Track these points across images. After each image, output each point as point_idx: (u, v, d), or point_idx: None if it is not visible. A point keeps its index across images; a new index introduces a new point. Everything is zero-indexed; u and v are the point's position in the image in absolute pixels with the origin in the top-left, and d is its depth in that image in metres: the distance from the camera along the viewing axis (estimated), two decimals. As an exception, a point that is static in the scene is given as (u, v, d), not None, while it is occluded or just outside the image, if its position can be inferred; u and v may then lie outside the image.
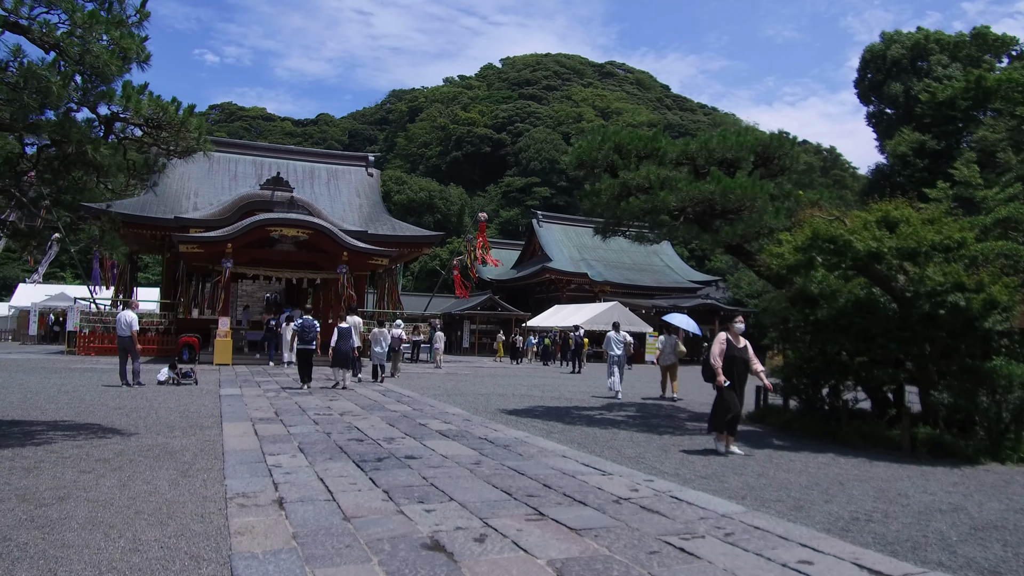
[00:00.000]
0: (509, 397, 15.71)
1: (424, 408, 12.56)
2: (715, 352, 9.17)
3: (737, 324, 9.60)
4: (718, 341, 9.32)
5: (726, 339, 9.35)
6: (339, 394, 14.61)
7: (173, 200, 30.89)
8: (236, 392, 14.33)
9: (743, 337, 9.58)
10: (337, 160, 38.13)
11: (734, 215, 11.45)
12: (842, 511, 6.13)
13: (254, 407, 11.93)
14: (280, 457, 7.54)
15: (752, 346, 9.65)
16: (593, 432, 10.52)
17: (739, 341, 9.45)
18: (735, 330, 9.53)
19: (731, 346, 9.28)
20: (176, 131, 9.15)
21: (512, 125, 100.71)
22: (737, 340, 9.44)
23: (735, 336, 9.48)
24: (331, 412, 11.46)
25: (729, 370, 9.14)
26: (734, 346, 9.32)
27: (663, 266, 62.60)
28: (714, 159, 11.70)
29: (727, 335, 9.44)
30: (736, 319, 9.76)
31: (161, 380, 16.04)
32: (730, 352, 9.23)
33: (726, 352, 9.19)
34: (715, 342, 9.32)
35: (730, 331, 9.54)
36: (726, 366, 9.12)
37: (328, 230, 24.28)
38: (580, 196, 12.46)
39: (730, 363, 9.17)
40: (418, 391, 16.18)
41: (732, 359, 9.21)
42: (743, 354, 9.37)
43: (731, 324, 9.66)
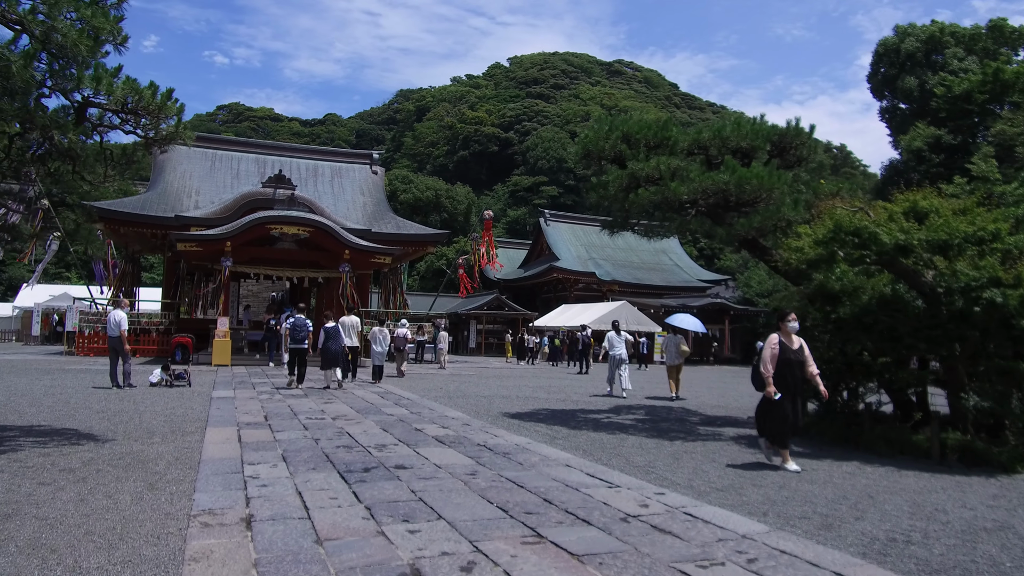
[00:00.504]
0: (513, 399, 15.11)
1: (422, 411, 11.97)
2: (766, 357, 7.98)
3: (791, 322, 8.32)
4: (769, 344, 8.09)
5: (779, 341, 8.12)
6: (335, 396, 14.04)
7: (174, 198, 30.44)
8: (228, 394, 13.78)
9: (797, 336, 8.38)
10: (341, 158, 37.63)
11: (749, 207, 10.81)
12: (876, 530, 5.50)
13: (244, 410, 11.37)
14: (260, 467, 6.96)
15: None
16: (600, 438, 9.90)
17: (793, 342, 8.27)
18: (788, 329, 8.28)
19: (784, 349, 8.10)
20: (154, 117, 8.60)
21: (519, 124, 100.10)
22: (791, 341, 8.25)
23: (788, 336, 8.26)
24: (323, 416, 10.89)
25: (783, 376, 8.01)
26: (788, 348, 8.14)
27: (672, 265, 61.91)
28: (728, 148, 11.06)
29: (779, 336, 8.21)
30: (788, 316, 8.37)
31: (153, 382, 15.53)
32: (784, 355, 8.05)
33: (779, 356, 8.02)
34: (766, 344, 8.12)
35: (783, 331, 8.29)
36: (780, 372, 7.98)
37: (329, 227, 23.73)
38: (587, 188, 11.85)
39: (784, 368, 8.02)
40: (419, 393, 15.60)
41: (787, 363, 8.04)
42: (799, 356, 8.20)
43: (783, 322, 8.32)
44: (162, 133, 8.43)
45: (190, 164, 32.88)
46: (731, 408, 15.12)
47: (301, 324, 15.68)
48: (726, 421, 12.65)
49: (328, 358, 15.59)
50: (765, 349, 8.07)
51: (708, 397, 17.79)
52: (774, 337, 8.17)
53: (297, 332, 15.49)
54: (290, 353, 15.81)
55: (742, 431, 11.21)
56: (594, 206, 11.71)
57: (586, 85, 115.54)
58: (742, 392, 19.88)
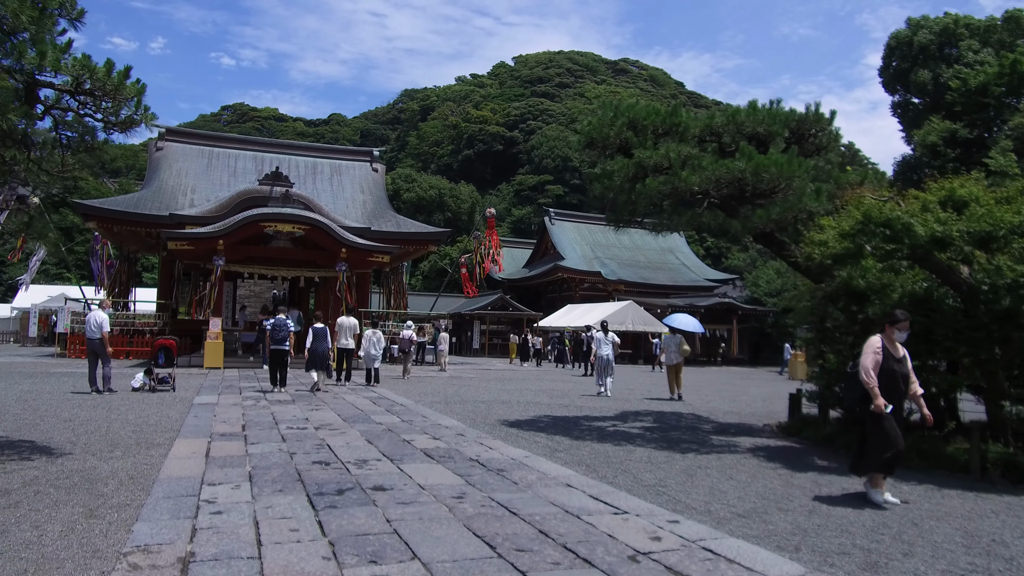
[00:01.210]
0: (513, 405, 14.28)
1: (414, 420, 11.15)
2: (868, 365, 6.56)
3: (901, 330, 6.84)
4: (871, 349, 6.67)
5: (882, 346, 6.72)
6: (324, 402, 13.23)
7: (169, 196, 29.70)
8: (211, 400, 12.99)
9: (902, 345, 6.92)
10: (341, 155, 36.85)
11: (766, 198, 9.97)
12: (930, 570, 4.66)
13: (223, 419, 10.58)
14: (220, 489, 6.16)
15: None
16: (605, 450, 9.07)
17: (898, 349, 6.83)
18: (896, 336, 6.85)
19: (888, 356, 6.68)
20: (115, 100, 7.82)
21: (524, 123, 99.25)
22: (895, 348, 6.81)
23: (892, 343, 6.82)
24: (306, 426, 10.08)
25: (888, 389, 6.58)
26: (892, 356, 6.72)
27: (679, 264, 61.01)
28: (743, 134, 10.22)
29: (882, 340, 6.79)
30: (901, 321, 6.84)
31: (135, 387, 14.76)
32: (887, 365, 6.64)
33: (882, 364, 6.62)
34: (866, 351, 6.69)
35: (887, 336, 6.84)
36: (884, 383, 6.56)
37: (325, 225, 22.95)
38: (590, 179, 11.02)
39: (889, 380, 6.61)
40: (414, 398, 14.80)
41: (891, 375, 6.64)
42: (903, 367, 6.78)
43: (891, 326, 6.86)
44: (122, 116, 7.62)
45: (186, 162, 32.17)
46: (745, 414, 14.27)
47: (282, 325, 15.27)
48: (741, 430, 11.80)
49: (314, 359, 15.13)
50: (866, 355, 6.66)
51: (719, 402, 16.95)
52: (876, 340, 6.79)
53: (277, 333, 15.06)
54: (271, 355, 15.36)
55: (759, 441, 10.37)
56: (598, 198, 10.87)
57: (591, 84, 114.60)
58: (754, 396, 19.01)
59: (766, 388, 23.14)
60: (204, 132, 34.97)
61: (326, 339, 15.37)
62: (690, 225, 10.10)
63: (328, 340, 15.50)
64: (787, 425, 11.56)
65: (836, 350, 10.38)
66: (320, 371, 15.45)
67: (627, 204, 11.10)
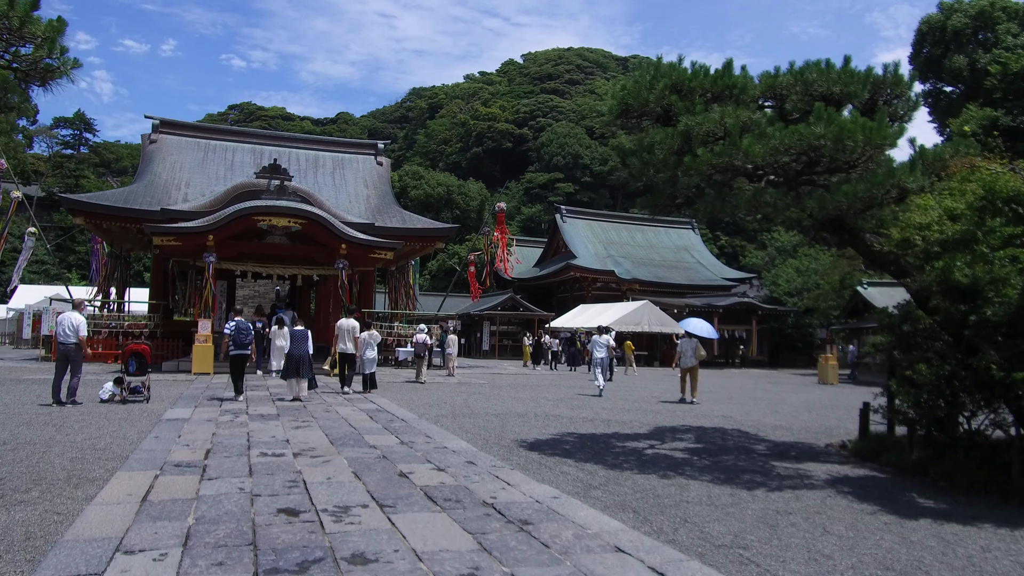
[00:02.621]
0: (530, 419, 12.51)
1: (416, 441, 9.38)
2: None
3: None
4: None
5: None
6: (313, 417, 11.48)
7: (162, 191, 28.07)
8: (184, 415, 11.27)
9: None
10: (344, 148, 35.16)
11: (844, 172, 8.17)
12: None
13: (188, 440, 8.86)
14: (137, 561, 4.41)
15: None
16: (651, 485, 7.28)
17: None
18: None
19: None
20: (36, 46, 6.12)
21: (534, 120, 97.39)
22: None
23: None
24: (284, 451, 8.33)
25: None
26: None
27: (694, 263, 59.12)
28: (813, 95, 8.40)
29: None
30: None
31: (103, 398, 13.10)
32: None
33: None
34: None
35: None
36: None
37: (323, 219, 21.24)
38: (623, 154, 9.23)
39: None
40: (418, 410, 13.05)
41: None
42: None
43: None
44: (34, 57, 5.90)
45: (180, 155, 30.54)
46: (796, 430, 12.44)
47: (245, 328, 14.13)
48: (802, 452, 9.99)
49: (291, 365, 13.92)
50: None
51: (759, 413, 15.12)
52: None
53: (241, 337, 13.91)
54: (231, 361, 14.19)
55: (833, 470, 8.55)
56: (635, 176, 9.06)
57: (601, 80, 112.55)
58: (795, 406, 17.18)
59: (803, 395, 21.27)
60: (200, 124, 33.33)
61: (306, 342, 14.15)
62: (749, 207, 8.29)
63: (309, 344, 14.26)
64: (859, 447, 9.73)
65: (924, 358, 8.53)
66: (299, 379, 14.05)
67: (669, 183, 9.32)
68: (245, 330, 14.08)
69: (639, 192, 68.60)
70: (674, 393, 18.43)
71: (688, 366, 17.20)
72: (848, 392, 23.63)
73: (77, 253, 64.29)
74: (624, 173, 9.88)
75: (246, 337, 13.97)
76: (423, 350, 22.19)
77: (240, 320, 14.49)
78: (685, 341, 17.80)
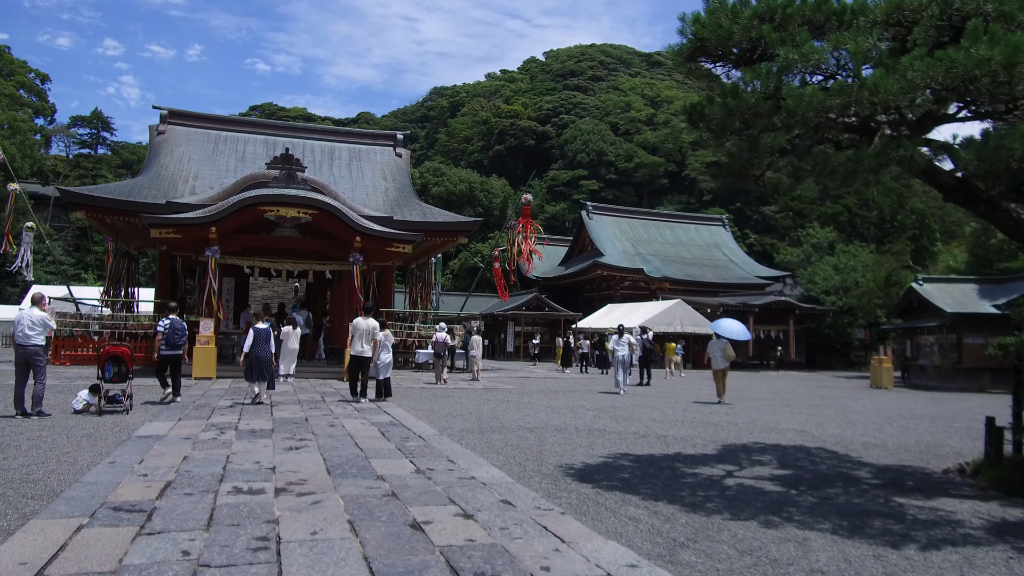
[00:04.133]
0: (571, 434, 10.56)
1: (436, 468, 7.46)
2: None
3: None
4: None
5: None
6: (313, 433, 9.59)
7: (168, 184, 26.46)
8: (161, 430, 9.46)
9: None
10: (361, 139, 33.41)
11: (999, 114, 6.16)
12: None
13: (151, 466, 7.04)
14: None
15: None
16: (756, 539, 5.30)
17: None
18: None
19: None
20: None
21: (557, 117, 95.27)
22: None
23: None
24: (265, 485, 6.45)
25: None
26: None
27: (726, 260, 56.87)
28: (952, 18, 6.39)
29: None
30: None
31: (76, 408, 11.36)
32: None
33: None
34: None
35: None
36: None
37: (334, 208, 19.42)
38: (692, 113, 7.26)
39: None
40: (438, 423, 11.16)
41: None
42: None
43: None
44: None
45: (189, 146, 28.94)
46: (892, 448, 10.37)
47: (180, 328, 13.27)
48: (920, 480, 7.93)
49: (256, 366, 13.16)
50: None
51: (834, 426, 13.04)
52: None
53: (173, 337, 13.05)
54: (161, 361, 13.11)
55: (980, 509, 6.52)
56: (715, 131, 7.09)
57: (625, 76, 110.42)
58: (867, 415, 15.07)
59: (867, 402, 19.10)
60: (210, 115, 31.74)
61: (269, 342, 13.46)
62: (877, 162, 6.26)
63: (272, 344, 13.59)
64: (994, 475, 7.65)
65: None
66: (260, 382, 13.30)
67: (748, 146, 7.35)
68: (180, 330, 13.23)
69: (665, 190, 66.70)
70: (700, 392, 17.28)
71: (718, 368, 17.26)
72: (912, 398, 21.43)
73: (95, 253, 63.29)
74: (694, 135, 7.97)
75: (180, 337, 13.12)
76: (443, 350, 20.60)
77: (175, 318, 13.37)
78: (714, 343, 17.86)
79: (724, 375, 17.28)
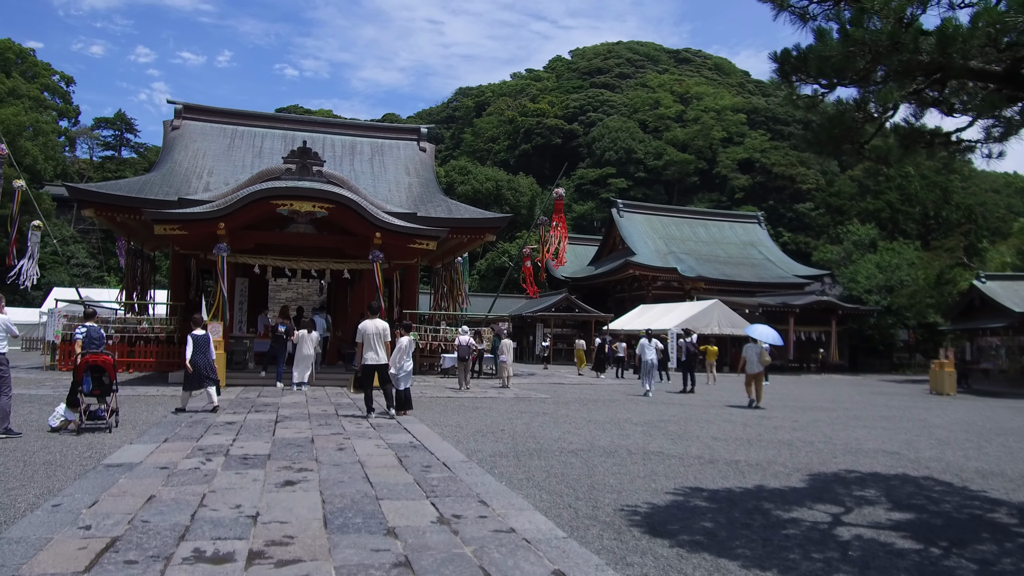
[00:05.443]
0: (624, 459, 8.87)
1: (464, 515, 5.83)
2: None
3: None
4: None
5: None
6: (318, 460, 8.01)
7: (181, 180, 25.19)
8: (138, 456, 7.95)
9: None
10: (383, 133, 31.97)
11: None
12: None
13: (96, 515, 5.51)
14: None
15: None
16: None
17: None
18: None
19: None
20: None
21: (584, 115, 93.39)
22: None
23: None
24: (238, 544, 4.87)
25: None
26: None
27: (762, 259, 54.66)
28: None
29: None
30: None
31: (53, 425, 9.92)
32: None
33: None
34: None
35: None
36: None
37: (352, 202, 17.89)
38: (802, 54, 5.60)
39: None
40: (466, 442, 9.55)
41: None
42: None
43: None
44: None
45: (204, 141, 27.68)
46: (1017, 477, 8.54)
47: (97, 337, 11.89)
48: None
49: (196, 376, 12.45)
50: None
51: (926, 447, 11.19)
52: None
53: (92, 345, 11.62)
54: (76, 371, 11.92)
55: None
56: (836, 68, 5.40)
57: (653, 73, 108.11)
58: (951, 429, 13.15)
59: (940, 412, 17.13)
60: (227, 109, 30.47)
61: (209, 351, 12.84)
62: None
63: (211, 351, 12.97)
64: None
65: None
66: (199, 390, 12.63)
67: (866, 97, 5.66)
68: (98, 339, 11.91)
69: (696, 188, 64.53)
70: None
71: (754, 372, 17.31)
72: (987, 407, 19.41)
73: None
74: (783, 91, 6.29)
75: (98, 347, 11.72)
76: (467, 354, 19.12)
77: (92, 325, 12.00)
78: (750, 347, 17.83)
79: (759, 379, 17.35)
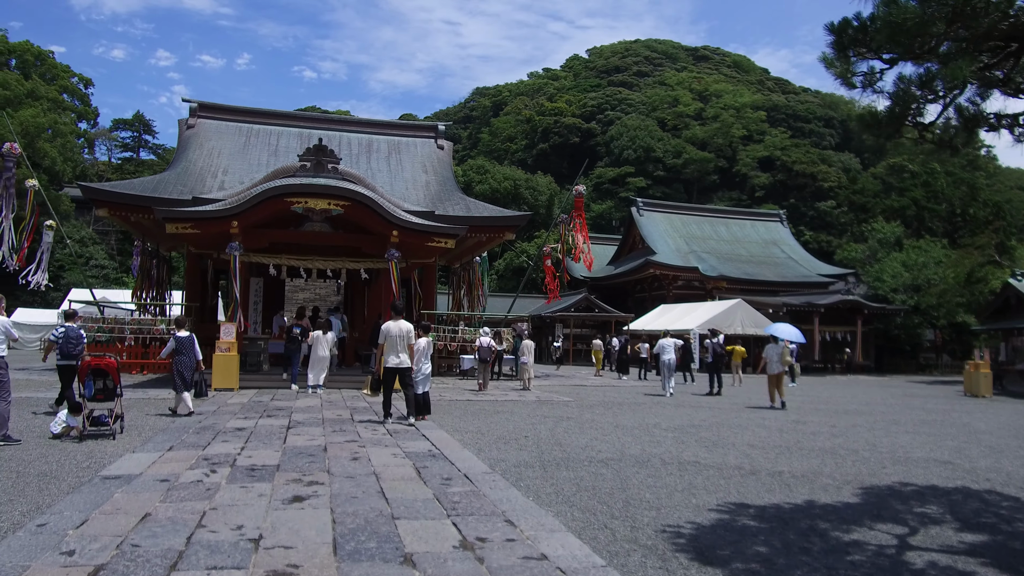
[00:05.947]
0: (658, 469, 8.26)
1: (489, 537, 5.25)
2: None
3: None
4: None
5: None
6: (329, 473, 7.47)
7: (195, 179, 24.87)
8: (139, 466, 7.45)
9: None
10: (401, 131, 31.53)
11: None
12: None
13: (88, 534, 4.99)
14: None
15: None
16: None
17: None
18: None
19: None
20: None
21: (602, 113, 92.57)
22: None
23: None
24: (237, 573, 4.33)
25: None
26: None
27: (785, 258, 53.71)
28: None
29: None
30: None
31: (55, 432, 9.48)
32: None
33: None
34: None
35: None
36: None
37: (368, 199, 17.39)
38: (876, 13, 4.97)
39: None
40: (489, 451, 8.98)
41: None
42: None
43: None
44: None
45: (219, 140, 27.36)
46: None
47: (75, 337, 11.56)
48: None
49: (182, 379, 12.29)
50: None
51: (979, 455, 10.47)
52: None
53: (67, 346, 11.39)
54: (59, 372, 11.73)
55: None
56: (907, 39, 4.77)
57: (671, 71, 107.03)
58: (1000, 435, 12.39)
59: (982, 417, 16.33)
60: (242, 107, 30.16)
61: (192, 352, 12.64)
62: None
63: (196, 352, 12.76)
64: None
65: None
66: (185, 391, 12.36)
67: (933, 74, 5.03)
68: (75, 339, 11.70)
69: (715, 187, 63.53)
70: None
71: (775, 372, 17.36)
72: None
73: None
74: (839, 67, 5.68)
75: (75, 347, 11.60)
76: (488, 355, 18.64)
77: (71, 326, 11.72)
78: (771, 347, 17.88)
79: (780, 380, 17.34)
